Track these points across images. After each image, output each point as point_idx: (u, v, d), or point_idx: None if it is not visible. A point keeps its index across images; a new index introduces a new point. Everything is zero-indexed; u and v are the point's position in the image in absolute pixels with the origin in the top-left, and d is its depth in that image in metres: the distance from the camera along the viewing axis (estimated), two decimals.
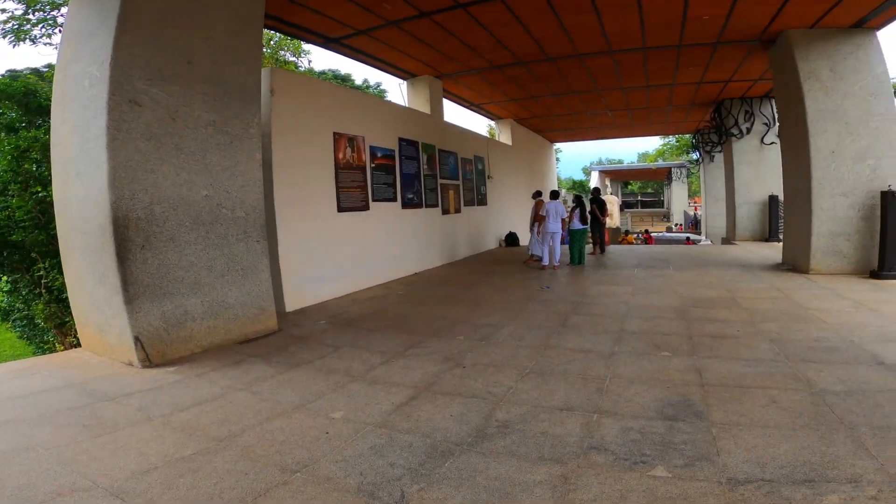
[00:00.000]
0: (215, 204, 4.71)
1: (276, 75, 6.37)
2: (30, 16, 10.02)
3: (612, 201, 25.21)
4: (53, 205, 4.90)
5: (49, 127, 5.10)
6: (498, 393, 3.37)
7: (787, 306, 5.41)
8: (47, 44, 10.43)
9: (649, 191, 48.65)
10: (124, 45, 4.02)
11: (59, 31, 8.03)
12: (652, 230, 29.30)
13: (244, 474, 2.39)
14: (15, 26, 9.95)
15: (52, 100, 4.74)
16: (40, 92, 10.29)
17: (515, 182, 15.82)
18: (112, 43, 3.96)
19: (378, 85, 21.86)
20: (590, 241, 13.70)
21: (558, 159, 28.67)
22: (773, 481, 2.13)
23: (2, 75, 11.43)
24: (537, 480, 2.24)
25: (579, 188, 35.35)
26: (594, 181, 31.94)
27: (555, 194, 9.55)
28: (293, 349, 4.66)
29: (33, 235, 8.51)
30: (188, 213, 4.50)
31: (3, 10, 10.41)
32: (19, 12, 9.96)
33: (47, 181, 7.80)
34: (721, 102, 13.16)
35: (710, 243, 17.94)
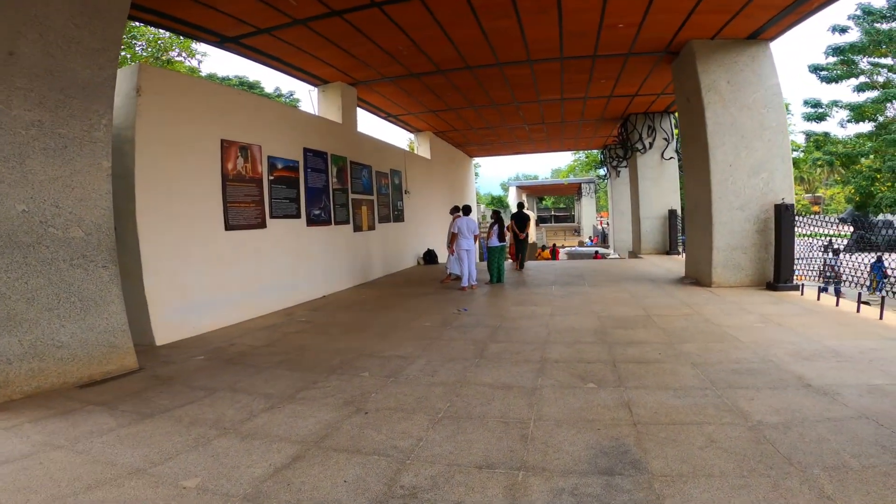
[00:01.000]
0: (38, 221, 3.68)
1: (145, 73, 5.34)
2: None
3: (530, 216, 25.84)
4: None
5: None
6: (405, 447, 2.76)
7: (701, 324, 5.37)
8: None
9: (562, 206, 51.13)
10: None
11: None
12: (564, 244, 30.52)
13: None
14: None
15: None
16: None
17: (434, 197, 15.45)
18: None
19: (291, 94, 20.58)
20: (509, 257, 13.66)
21: (477, 174, 29.02)
22: None
23: None
24: None
25: (498, 203, 36.12)
26: (512, 196, 32.78)
27: (466, 209, 9.12)
28: (151, 394, 3.80)
29: None
30: None
31: None
32: None
33: None
34: (627, 117, 13.79)
35: (617, 256, 18.82)
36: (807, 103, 21.83)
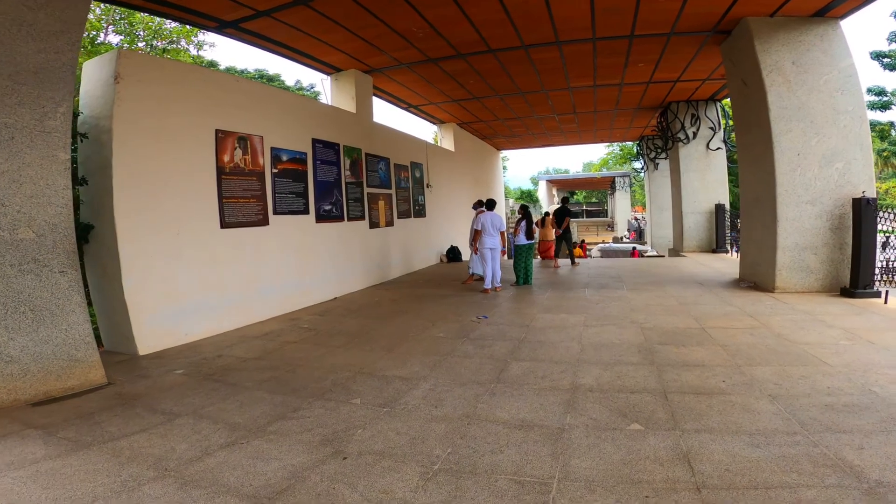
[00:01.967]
0: None
1: (125, 59, 4.81)
2: None
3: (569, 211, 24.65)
4: None
5: None
6: None
7: (771, 340, 4.42)
8: None
9: (594, 200, 49.37)
10: None
11: None
12: (595, 240, 29.09)
13: None
14: None
15: None
16: None
17: (459, 191, 14.69)
18: None
19: (311, 87, 20.17)
20: (538, 255, 12.77)
21: (505, 168, 28.01)
22: None
23: None
24: None
25: (527, 198, 34.93)
26: (542, 191, 31.61)
27: (490, 204, 8.27)
28: (104, 416, 3.28)
29: None
30: None
31: None
32: None
33: None
34: (668, 106, 12.65)
35: (655, 254, 17.58)
36: (870, 91, 20.11)
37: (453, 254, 13.05)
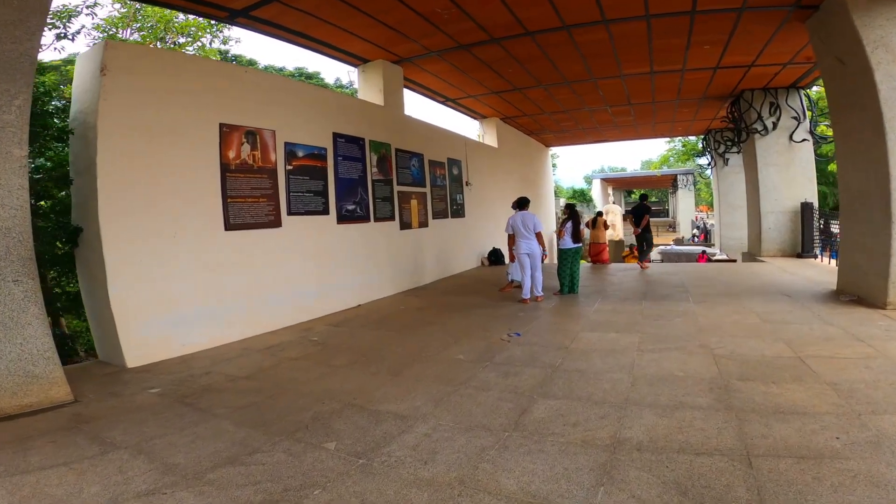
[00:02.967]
0: None
1: (112, 50, 4.41)
2: None
3: (615, 211, 23.09)
4: None
5: None
6: None
7: None
8: None
9: (653, 199, 46.49)
10: None
11: None
12: (655, 241, 26.84)
13: None
14: None
15: None
16: None
17: (502, 190, 13.76)
18: None
19: (351, 84, 19.82)
20: (588, 258, 11.63)
21: (555, 166, 26.66)
22: None
23: None
24: None
25: (580, 198, 33.17)
26: (596, 190, 29.91)
27: (522, 202, 7.11)
28: (39, 442, 2.87)
29: None
30: None
31: None
32: None
33: None
34: (740, 94, 11.11)
35: (726, 258, 15.77)
36: None
37: (495, 256, 12.18)
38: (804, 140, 10.61)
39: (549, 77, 9.76)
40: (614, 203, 26.18)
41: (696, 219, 29.82)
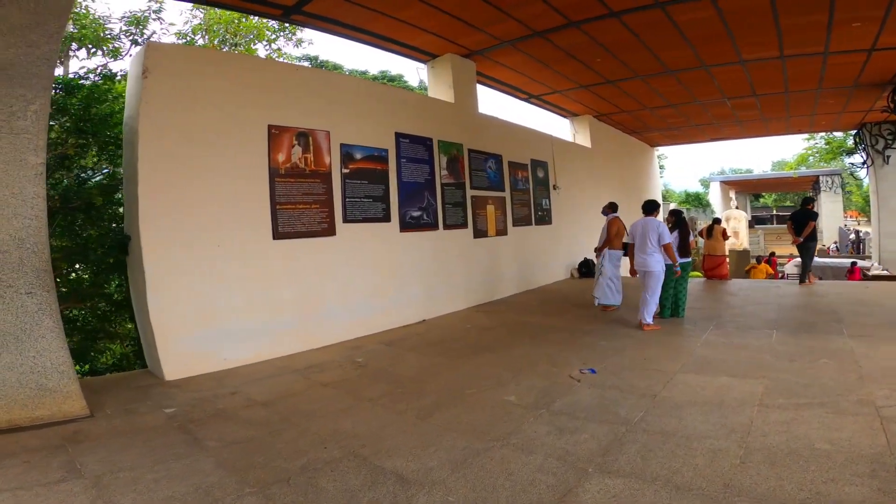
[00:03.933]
0: None
1: (153, 52, 4.33)
2: None
3: (738, 217, 20.02)
4: None
5: None
6: None
7: None
8: None
9: (788, 204, 40.14)
10: None
11: None
12: (792, 252, 22.75)
13: None
14: None
15: None
16: None
17: (596, 194, 12.35)
18: None
19: (422, 83, 19.44)
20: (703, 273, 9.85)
21: (662, 167, 23.97)
22: None
23: None
24: None
25: (695, 202, 29.52)
26: (714, 194, 26.44)
27: (649, 206, 5.82)
28: (13, 462, 2.66)
29: None
30: None
31: None
32: None
33: None
34: None
35: (886, 273, 12.65)
36: None
37: (587, 268, 10.89)
38: None
39: (647, 66, 8.44)
40: (737, 208, 22.81)
41: (845, 226, 25.05)
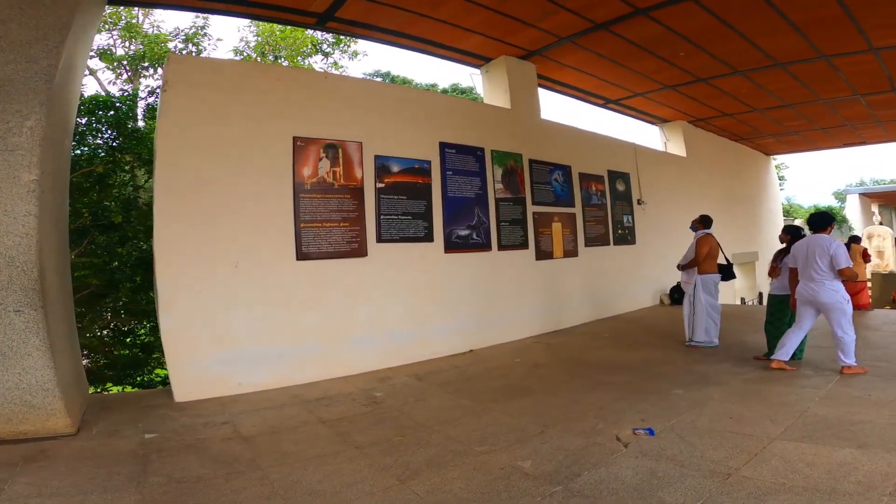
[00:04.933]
0: None
1: (173, 65, 4.31)
2: None
3: (883, 234, 16.50)
4: None
5: None
6: None
7: None
8: None
9: None
10: None
11: None
12: None
13: None
14: None
15: None
16: None
17: (694, 210, 10.77)
18: None
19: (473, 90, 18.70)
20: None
21: (783, 178, 20.73)
22: None
23: None
24: None
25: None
26: (852, 208, 22.27)
27: (819, 220, 4.41)
28: None
29: None
30: None
31: None
32: None
33: None
34: None
35: None
36: None
37: (680, 293, 9.36)
38: None
39: (745, 59, 7.13)
40: (881, 224, 18.86)
41: None
